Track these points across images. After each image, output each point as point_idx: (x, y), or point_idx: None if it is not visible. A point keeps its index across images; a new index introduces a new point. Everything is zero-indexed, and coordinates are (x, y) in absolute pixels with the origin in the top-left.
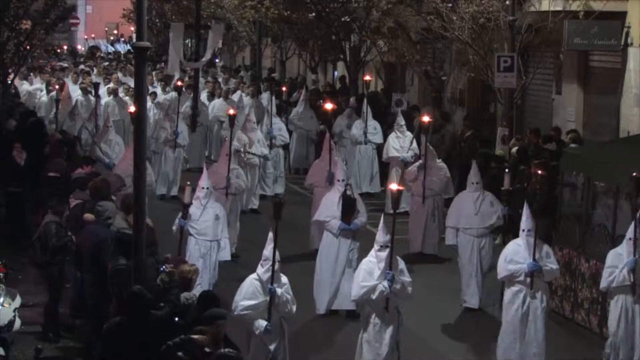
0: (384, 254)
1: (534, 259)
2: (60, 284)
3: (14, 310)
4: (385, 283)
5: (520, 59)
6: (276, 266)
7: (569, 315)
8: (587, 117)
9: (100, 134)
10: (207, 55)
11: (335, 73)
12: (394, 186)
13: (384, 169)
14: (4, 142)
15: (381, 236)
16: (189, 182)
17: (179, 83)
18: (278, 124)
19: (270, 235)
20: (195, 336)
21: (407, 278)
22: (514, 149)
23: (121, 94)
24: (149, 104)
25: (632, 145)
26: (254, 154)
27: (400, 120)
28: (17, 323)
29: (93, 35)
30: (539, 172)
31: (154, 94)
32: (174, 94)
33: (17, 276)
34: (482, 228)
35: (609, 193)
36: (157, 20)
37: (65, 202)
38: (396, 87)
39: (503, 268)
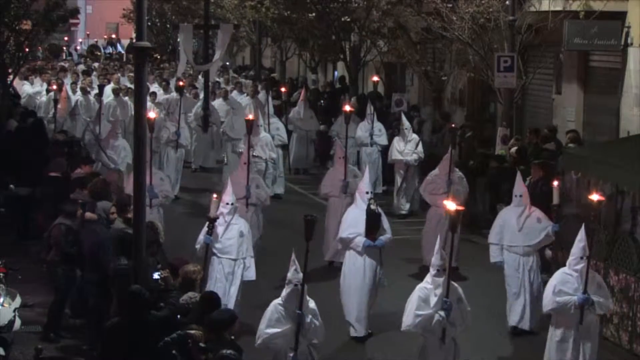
0: (441, 279)
1: (585, 291)
2: (66, 284)
3: (14, 310)
4: (443, 312)
5: (520, 59)
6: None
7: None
8: (587, 117)
9: (107, 139)
10: (217, 56)
11: (336, 73)
12: (451, 205)
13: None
14: (6, 142)
15: (437, 259)
16: (215, 195)
17: (180, 83)
18: (275, 124)
19: (293, 257)
20: (192, 331)
21: (466, 307)
22: (514, 149)
23: (121, 94)
24: (148, 104)
25: (632, 145)
26: (259, 157)
27: (405, 123)
28: (17, 323)
29: (88, 33)
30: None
31: (154, 94)
32: (174, 94)
33: (17, 276)
34: (527, 246)
35: None
36: (157, 20)
37: (76, 203)
38: (396, 87)
39: (550, 300)
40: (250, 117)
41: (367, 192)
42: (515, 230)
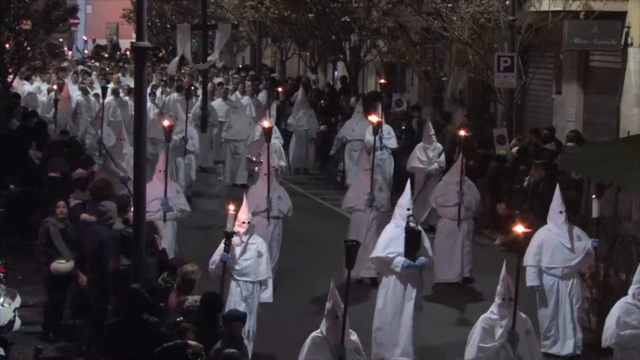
0: (508, 310)
1: None
2: (63, 284)
3: (14, 310)
4: (509, 345)
5: (520, 59)
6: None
7: None
8: (587, 117)
9: (114, 147)
10: (215, 56)
11: (336, 73)
12: (519, 228)
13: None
14: (9, 142)
15: (503, 287)
16: (232, 208)
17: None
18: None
19: (333, 285)
20: (192, 342)
21: (535, 339)
22: (515, 149)
23: (121, 94)
24: (148, 104)
25: (632, 145)
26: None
27: (430, 130)
28: (17, 323)
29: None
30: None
31: (153, 94)
32: (174, 94)
33: (17, 276)
34: (568, 267)
35: None
36: (157, 20)
37: (56, 201)
38: (396, 87)
39: (612, 334)
40: (266, 124)
41: (408, 209)
42: (557, 249)
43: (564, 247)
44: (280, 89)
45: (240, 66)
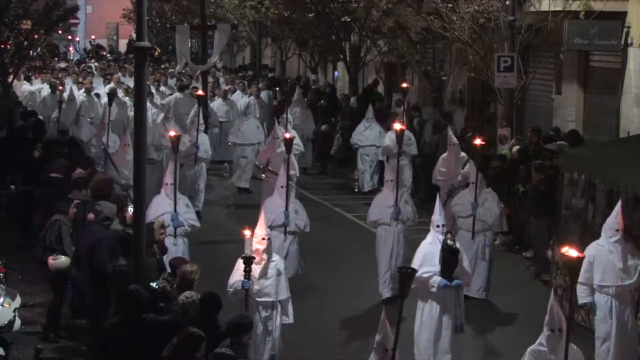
0: (557, 342)
1: None
2: (64, 284)
3: (14, 310)
4: None
5: (520, 59)
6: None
7: None
8: (587, 117)
9: (118, 154)
10: (214, 57)
11: (336, 73)
12: (573, 252)
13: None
14: (9, 142)
15: (551, 318)
16: (249, 233)
17: (200, 92)
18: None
19: (383, 315)
20: None
21: None
22: (515, 149)
23: (120, 94)
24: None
25: (632, 145)
26: (274, 174)
27: (452, 138)
28: (17, 323)
29: (93, 37)
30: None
31: (151, 95)
32: (177, 94)
33: (17, 276)
34: (621, 286)
35: None
36: (157, 20)
37: (69, 202)
38: (396, 87)
39: None
40: (288, 135)
41: (437, 226)
42: (612, 267)
43: (615, 265)
44: (276, 89)
45: (239, 65)
